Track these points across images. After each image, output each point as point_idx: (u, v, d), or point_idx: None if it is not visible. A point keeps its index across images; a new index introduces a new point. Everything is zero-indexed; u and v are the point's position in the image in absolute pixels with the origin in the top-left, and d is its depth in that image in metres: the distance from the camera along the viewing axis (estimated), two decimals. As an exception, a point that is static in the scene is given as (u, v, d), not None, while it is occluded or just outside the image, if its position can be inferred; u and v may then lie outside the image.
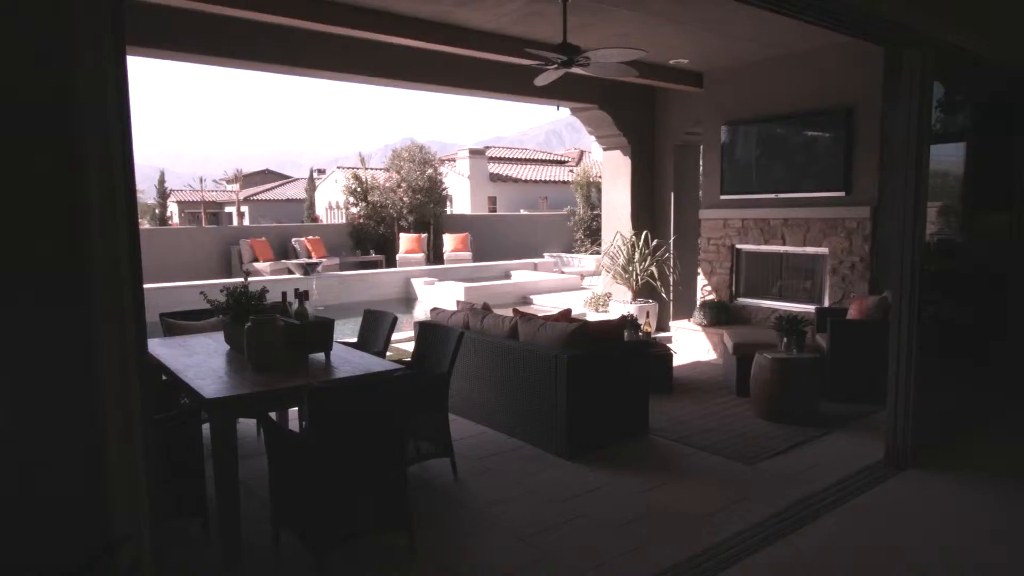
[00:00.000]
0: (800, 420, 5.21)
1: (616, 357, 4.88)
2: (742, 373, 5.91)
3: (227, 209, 40.86)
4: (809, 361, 5.26)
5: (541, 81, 5.89)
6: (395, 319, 5.05)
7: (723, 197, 8.12)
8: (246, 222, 38.48)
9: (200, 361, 3.94)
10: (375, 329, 5.17)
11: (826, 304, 7.27)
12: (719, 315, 7.99)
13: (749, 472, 4.35)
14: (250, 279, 13.42)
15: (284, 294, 4.27)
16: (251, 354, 3.75)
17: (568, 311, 5.34)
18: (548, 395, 4.64)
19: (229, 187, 41.73)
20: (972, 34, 4.59)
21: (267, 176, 49.18)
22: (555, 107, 7.67)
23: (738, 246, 8.13)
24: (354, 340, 5.43)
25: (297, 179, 45.53)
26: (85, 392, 1.57)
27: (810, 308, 7.39)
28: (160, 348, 4.33)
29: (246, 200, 41.43)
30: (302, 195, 38.22)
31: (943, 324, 5.01)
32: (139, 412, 1.59)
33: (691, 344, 8.11)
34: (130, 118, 1.66)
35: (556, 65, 5.50)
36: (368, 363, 3.82)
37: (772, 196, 7.64)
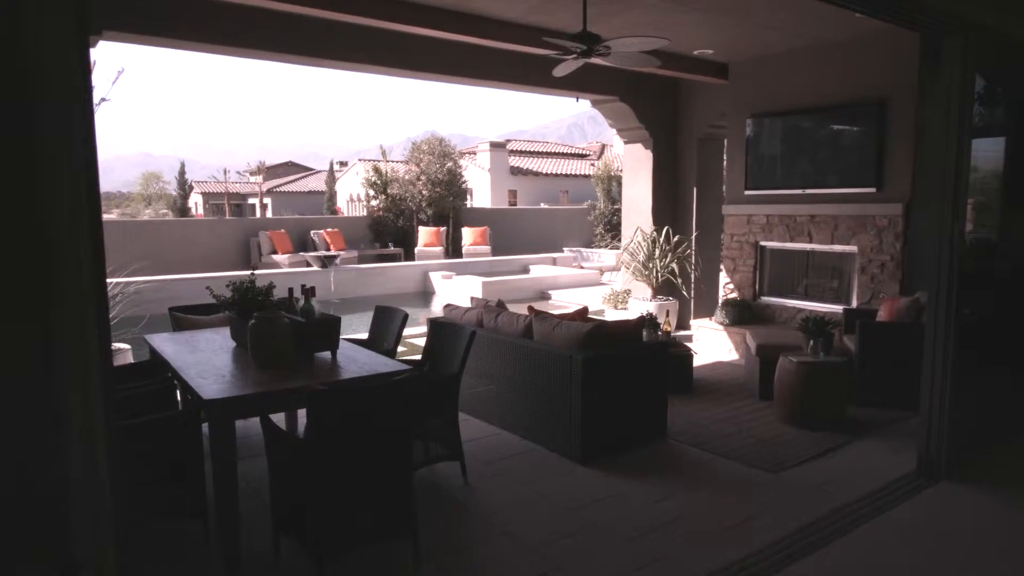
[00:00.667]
0: (826, 426, 4.99)
1: (634, 359, 4.70)
2: (765, 375, 5.69)
3: (251, 201, 41.13)
4: (837, 365, 5.03)
5: (560, 72, 5.71)
6: (406, 316, 4.92)
7: (747, 192, 7.88)
8: (269, 214, 38.69)
9: (204, 358, 3.83)
10: (386, 326, 5.04)
11: (854, 304, 7.01)
12: (742, 314, 7.76)
13: (772, 481, 4.15)
14: (264, 272, 13.44)
15: (291, 290, 4.15)
16: (254, 352, 3.63)
17: (584, 310, 5.16)
18: (563, 397, 4.48)
19: (252, 179, 42.06)
20: (1018, 21, 4.32)
21: (290, 168, 49.48)
22: (575, 99, 7.47)
23: (762, 243, 7.88)
24: (365, 336, 5.31)
25: (319, 171, 45.72)
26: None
27: (837, 308, 7.14)
28: (166, 344, 4.24)
29: (269, 192, 41.69)
30: (322, 187, 38.30)
31: (981, 327, 4.76)
32: (104, 439, 1.46)
33: (712, 343, 7.90)
34: (95, 148, 1.52)
35: (575, 55, 5.31)
36: (375, 363, 3.68)
37: (799, 192, 7.39)
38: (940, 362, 4.09)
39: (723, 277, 8.38)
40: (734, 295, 8.14)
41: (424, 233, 17.35)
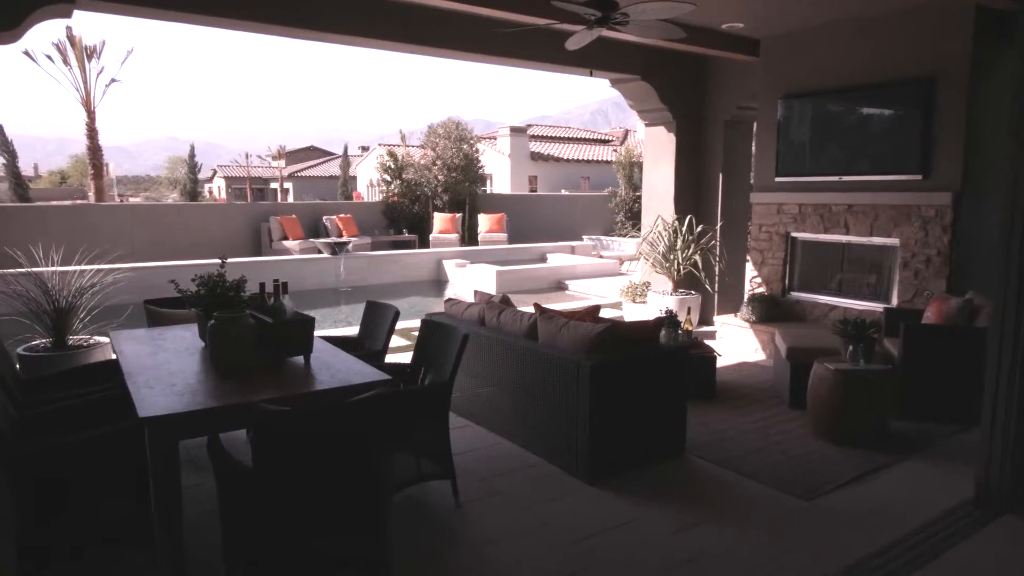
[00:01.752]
0: (867, 443, 4.45)
1: (649, 365, 4.19)
2: (797, 381, 5.16)
3: (272, 185, 41.12)
4: (879, 374, 4.48)
5: (573, 44, 5.17)
6: (397, 313, 4.46)
7: (778, 179, 7.28)
8: (290, 198, 38.68)
9: (163, 362, 3.40)
10: (376, 324, 4.59)
11: (894, 303, 6.42)
12: (770, 311, 7.20)
13: (806, 509, 3.63)
14: (269, 259, 13.02)
15: (262, 285, 3.69)
16: (215, 358, 3.19)
17: (596, 308, 4.66)
18: (568, 407, 3.99)
19: (275, 163, 42.03)
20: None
21: (312, 153, 49.39)
22: (588, 73, 6.90)
23: (793, 234, 7.29)
24: (356, 333, 4.87)
25: (338, 156, 45.67)
26: None
27: (874, 306, 6.56)
28: (128, 343, 3.83)
29: (290, 176, 41.65)
30: (348, 172, 38.15)
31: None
32: None
33: (737, 342, 7.35)
34: None
35: (589, 24, 4.78)
36: (351, 372, 3.22)
37: (835, 179, 6.78)
38: (1007, 372, 3.54)
39: (750, 270, 7.81)
40: (761, 290, 7.57)
41: (439, 219, 16.89)
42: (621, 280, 11.03)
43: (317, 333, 3.59)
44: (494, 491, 3.85)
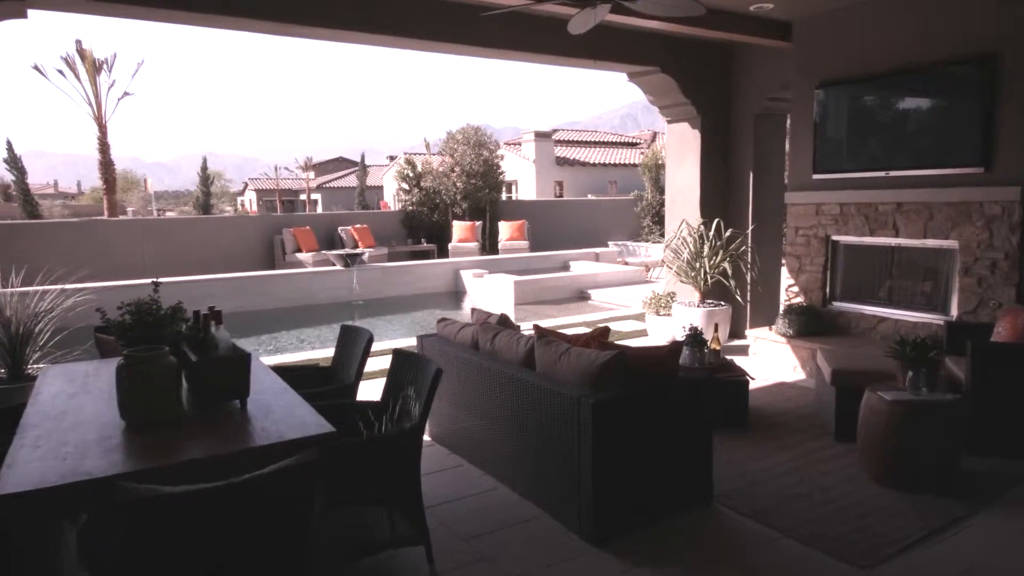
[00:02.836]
0: (932, 487, 3.71)
1: (665, 399, 3.51)
2: (844, 410, 4.43)
3: (302, 197, 41.37)
4: (946, 406, 3.73)
5: (576, 28, 4.53)
6: (371, 338, 3.86)
7: (816, 177, 6.53)
8: (319, 209, 38.76)
9: (75, 409, 2.85)
10: (350, 350, 4.00)
11: (953, 314, 5.63)
12: (809, 324, 6.44)
13: (863, 582, 2.93)
14: (277, 273, 12.56)
15: (196, 314, 3.10)
16: (125, 407, 2.62)
17: (605, 330, 4.00)
18: (569, 450, 3.34)
19: (304, 175, 42.36)
20: None
21: (340, 164, 49.56)
22: (592, 61, 6.24)
23: (835, 237, 6.53)
24: (332, 358, 4.28)
25: (369, 166, 45.83)
26: None
27: (930, 318, 5.78)
28: (52, 383, 3.30)
29: (318, 188, 41.81)
30: (377, 182, 38.11)
31: None
32: None
33: (773, 359, 6.60)
34: None
35: (593, 2, 4.14)
36: (292, 421, 2.62)
37: (881, 174, 6.01)
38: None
39: (785, 278, 7.06)
40: (799, 300, 6.82)
41: (458, 228, 16.33)
42: (647, 289, 10.33)
43: (299, 357, 3.00)
44: (480, 555, 3.22)
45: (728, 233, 7.32)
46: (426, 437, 4.79)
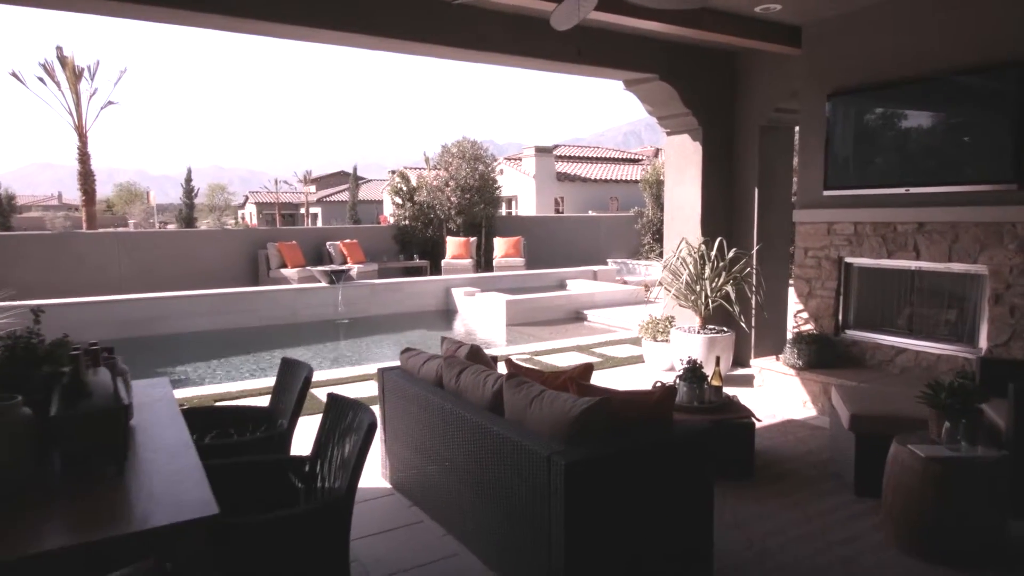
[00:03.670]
0: (974, 558, 3.12)
1: (657, 457, 2.93)
2: (865, 460, 3.84)
3: (302, 211, 41.20)
4: (991, 464, 3.14)
5: (559, 22, 3.99)
6: (310, 373, 3.30)
7: (827, 193, 5.98)
8: (319, 223, 38.44)
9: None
10: (289, 386, 3.43)
11: (982, 346, 5.05)
12: (820, 354, 5.85)
13: None
14: (255, 289, 12.03)
15: (77, 352, 2.52)
16: (-41, 473, 2.05)
17: (586, 368, 3.42)
18: (539, 515, 2.76)
19: (306, 188, 42.21)
20: None
21: (342, 178, 49.30)
22: (576, 54, 5.68)
23: (848, 259, 5.97)
24: (272, 394, 3.71)
25: (371, 180, 45.68)
26: None
27: (955, 351, 5.21)
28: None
29: (318, 202, 41.52)
30: (377, 196, 37.78)
31: None
32: None
33: (780, 392, 6.01)
34: None
35: (577, -12, 3.61)
36: (167, 499, 2.04)
37: (900, 191, 5.46)
38: None
39: (793, 303, 6.48)
40: (809, 327, 6.24)
41: (452, 244, 15.81)
42: (646, 309, 9.75)
43: (253, 385, 2.43)
44: (426, 649, 2.62)
45: (731, 253, 6.75)
46: (386, 484, 4.21)
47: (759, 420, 4.39)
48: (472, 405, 3.37)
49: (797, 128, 6.81)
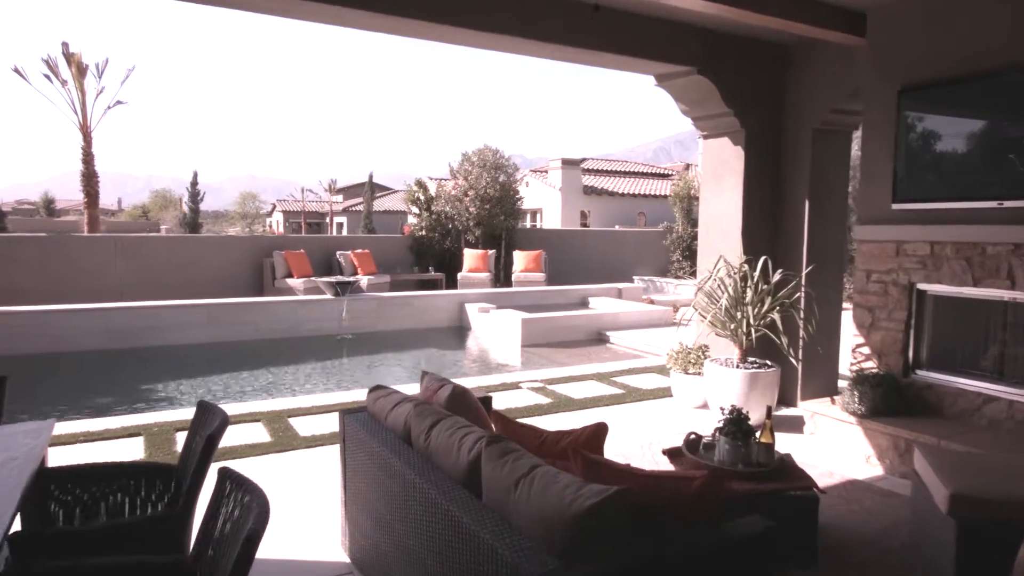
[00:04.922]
0: None
1: (694, 570, 2.02)
2: (972, 555, 2.88)
3: (327, 220, 41.28)
4: None
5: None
6: (223, 422, 2.46)
7: (896, 207, 5.02)
8: (344, 231, 38.26)
9: None
10: (199, 436, 2.58)
11: (1101, 398, 4.04)
12: (887, 399, 4.87)
13: None
14: (249, 300, 11.31)
15: None
16: None
17: (598, 431, 2.53)
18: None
19: (331, 197, 42.27)
20: None
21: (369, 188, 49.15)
22: (594, 8, 4.78)
23: (921, 286, 4.99)
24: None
25: (397, 191, 45.42)
26: None
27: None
28: None
29: (344, 211, 41.40)
30: (402, 207, 37.36)
31: None
32: None
33: (837, 443, 5.03)
34: None
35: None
36: None
37: (992, 205, 4.48)
38: None
39: (851, 335, 5.50)
40: (871, 365, 5.26)
41: (469, 256, 14.98)
42: (674, 333, 8.80)
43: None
44: None
45: (777, 276, 5.79)
46: (345, 559, 3.35)
47: (823, 491, 3.43)
48: (443, 475, 2.49)
49: (859, 131, 5.86)
